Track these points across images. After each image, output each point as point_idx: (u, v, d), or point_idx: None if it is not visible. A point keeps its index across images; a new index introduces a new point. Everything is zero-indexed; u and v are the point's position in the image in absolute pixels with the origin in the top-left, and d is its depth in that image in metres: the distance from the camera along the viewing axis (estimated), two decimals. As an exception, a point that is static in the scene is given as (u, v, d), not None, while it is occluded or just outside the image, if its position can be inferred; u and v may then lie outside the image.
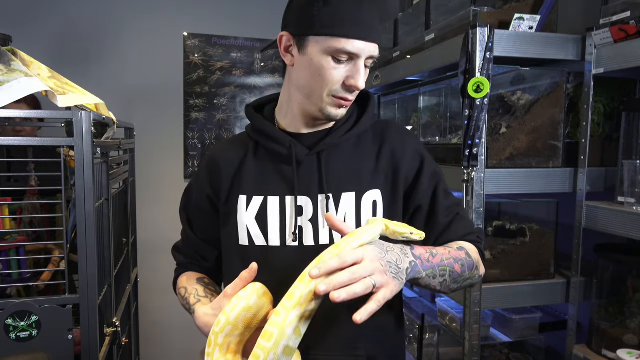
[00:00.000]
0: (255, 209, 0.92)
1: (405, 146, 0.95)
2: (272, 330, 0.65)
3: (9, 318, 1.14)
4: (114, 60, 2.57)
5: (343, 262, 0.68)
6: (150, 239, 2.66)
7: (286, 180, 0.91)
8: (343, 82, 0.85)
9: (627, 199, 1.28)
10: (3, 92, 1.11)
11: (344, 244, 0.72)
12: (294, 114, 0.94)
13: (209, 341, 0.75)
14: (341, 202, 0.90)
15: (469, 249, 0.91)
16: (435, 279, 0.82)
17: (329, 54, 0.83)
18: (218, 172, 0.97)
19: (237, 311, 0.74)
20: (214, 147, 1.05)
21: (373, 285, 0.68)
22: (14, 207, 1.50)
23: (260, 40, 2.77)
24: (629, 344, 1.29)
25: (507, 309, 1.65)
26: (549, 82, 1.47)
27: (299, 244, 0.90)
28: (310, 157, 0.92)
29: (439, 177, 0.96)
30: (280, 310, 0.67)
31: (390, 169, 0.93)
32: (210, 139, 2.75)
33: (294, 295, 0.68)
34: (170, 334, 2.75)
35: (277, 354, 0.65)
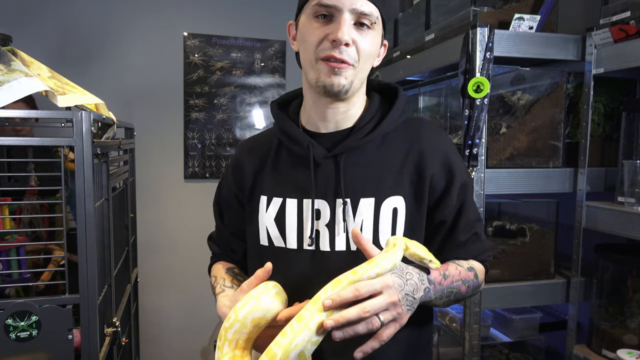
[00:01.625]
0: (275, 210, 0.90)
1: (436, 151, 0.87)
2: (276, 351, 0.65)
3: (9, 318, 1.14)
4: (114, 60, 2.57)
5: (357, 295, 0.67)
6: (150, 239, 2.66)
7: (304, 183, 0.88)
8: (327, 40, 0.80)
9: (627, 199, 1.28)
10: (3, 92, 1.11)
11: (361, 272, 0.69)
12: (310, 105, 0.90)
13: (220, 335, 0.77)
14: (359, 208, 0.85)
15: (478, 271, 0.90)
16: (441, 299, 0.82)
17: (311, 15, 0.82)
18: (242, 171, 0.96)
19: (245, 310, 0.75)
20: (241, 144, 1.02)
21: (381, 323, 0.67)
22: (13, 207, 1.50)
23: (260, 40, 2.77)
24: (629, 344, 1.29)
25: (507, 309, 1.65)
26: (549, 82, 1.47)
27: (315, 248, 0.87)
28: (328, 160, 0.88)
29: (467, 188, 0.90)
30: (287, 331, 0.66)
31: (417, 175, 0.86)
32: (210, 139, 2.75)
33: (303, 318, 0.67)
34: (170, 334, 2.75)
35: None
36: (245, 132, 2.79)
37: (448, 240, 0.90)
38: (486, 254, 0.94)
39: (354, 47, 0.81)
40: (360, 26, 0.81)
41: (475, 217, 0.92)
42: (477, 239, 0.92)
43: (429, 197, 0.87)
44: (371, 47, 0.83)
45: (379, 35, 0.85)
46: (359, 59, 0.82)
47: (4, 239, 1.34)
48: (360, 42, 0.81)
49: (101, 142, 1.33)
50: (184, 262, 2.74)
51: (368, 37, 0.82)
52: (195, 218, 2.74)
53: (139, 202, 2.45)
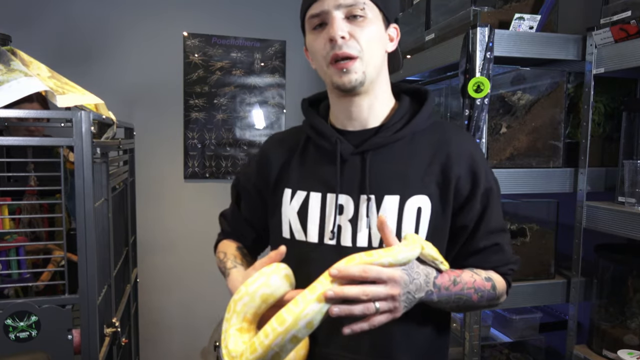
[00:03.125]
0: (298, 204, 0.92)
1: (463, 153, 0.88)
2: (286, 317, 0.68)
3: (8, 318, 1.14)
4: (114, 60, 2.57)
5: (363, 277, 0.68)
6: (150, 239, 2.66)
7: (329, 177, 0.90)
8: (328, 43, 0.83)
9: (628, 199, 1.28)
10: (3, 92, 1.11)
11: (376, 256, 0.71)
12: (335, 106, 0.93)
13: (229, 307, 0.80)
14: (383, 204, 0.86)
15: (497, 282, 0.89)
16: (447, 304, 0.82)
17: (310, 29, 0.86)
18: (268, 164, 0.99)
19: (256, 285, 0.78)
20: (269, 139, 1.05)
21: (375, 310, 0.69)
22: (13, 207, 1.49)
23: (260, 40, 2.77)
24: (629, 344, 1.29)
25: (507, 309, 1.64)
26: (549, 82, 1.47)
27: (336, 243, 0.88)
28: (355, 156, 0.89)
29: (493, 194, 0.89)
30: (299, 300, 0.69)
31: (442, 175, 0.87)
32: (210, 139, 2.75)
33: (315, 289, 0.69)
34: (170, 334, 2.75)
35: (284, 340, 0.68)
36: (245, 132, 2.79)
37: (467, 246, 0.90)
38: (508, 266, 0.92)
39: (353, 39, 0.82)
40: (353, 18, 0.83)
41: (498, 226, 0.90)
42: (499, 250, 0.90)
43: (454, 200, 0.87)
44: (370, 34, 0.84)
45: (377, 20, 0.86)
46: (362, 49, 0.83)
47: (4, 239, 1.34)
48: (357, 32, 0.83)
49: (101, 142, 1.33)
50: (184, 262, 2.74)
51: (364, 25, 0.83)
52: (195, 218, 2.74)
53: (139, 202, 2.45)
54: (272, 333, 0.68)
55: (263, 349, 0.69)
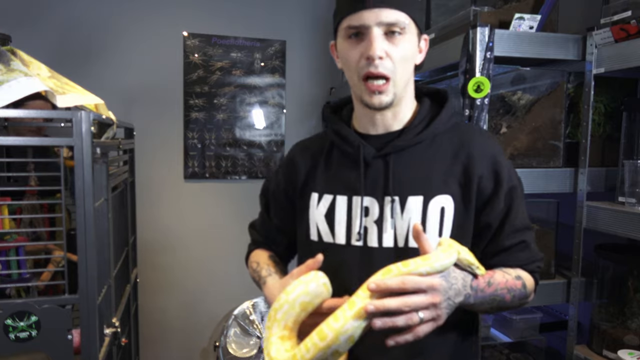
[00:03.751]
0: (325, 207, 0.95)
1: (484, 154, 0.89)
2: (327, 333, 0.69)
3: (8, 318, 1.14)
4: (114, 60, 2.57)
5: (402, 288, 0.69)
6: (150, 239, 2.66)
7: (354, 181, 0.92)
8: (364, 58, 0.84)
9: (628, 199, 1.28)
10: (2, 92, 1.11)
11: (413, 266, 0.72)
12: (360, 113, 0.95)
13: (269, 316, 0.81)
14: (407, 205, 0.88)
15: (527, 280, 0.90)
16: (482, 306, 0.83)
17: (344, 37, 0.87)
18: (295, 169, 1.01)
19: (295, 293, 0.79)
20: (296, 145, 1.08)
21: (420, 320, 0.70)
22: (13, 207, 1.49)
23: (260, 40, 2.77)
24: (629, 344, 1.29)
25: (507, 309, 1.64)
26: (549, 82, 1.47)
27: (363, 244, 0.90)
28: (378, 159, 0.91)
29: (516, 193, 0.91)
30: (339, 316, 0.70)
31: (465, 175, 0.88)
32: (210, 139, 2.75)
33: (355, 304, 0.70)
34: (170, 334, 2.75)
35: (325, 354, 0.70)
36: (245, 132, 2.79)
37: (492, 245, 0.91)
38: (535, 264, 0.93)
39: (388, 58, 0.84)
40: (391, 35, 0.84)
41: (523, 224, 0.92)
42: (525, 247, 0.91)
43: (477, 199, 0.89)
44: (405, 52, 0.85)
45: (413, 36, 0.87)
46: (395, 68, 0.85)
47: (4, 239, 1.34)
48: (393, 51, 0.84)
49: (101, 142, 1.33)
50: (184, 262, 2.74)
51: (400, 44, 0.84)
52: (195, 218, 2.74)
53: (139, 202, 2.45)
54: (313, 348, 0.70)
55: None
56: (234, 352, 2.58)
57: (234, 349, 2.60)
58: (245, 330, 2.65)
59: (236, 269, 2.79)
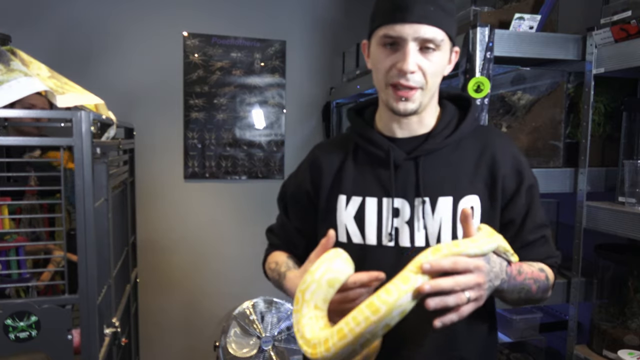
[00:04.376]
0: (354, 209, 0.96)
1: (506, 154, 0.95)
2: (379, 306, 0.69)
3: (8, 318, 1.14)
4: (114, 60, 2.57)
5: (454, 268, 0.71)
6: (150, 239, 2.66)
7: (384, 183, 0.95)
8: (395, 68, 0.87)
9: (628, 199, 1.28)
10: (2, 92, 1.11)
11: (463, 247, 0.73)
12: (386, 116, 0.97)
13: (296, 299, 0.81)
14: (437, 206, 0.91)
15: (549, 273, 0.94)
16: (512, 294, 0.86)
17: (379, 43, 0.89)
18: (320, 171, 1.02)
19: (321, 271, 0.79)
20: (318, 147, 1.09)
21: (467, 299, 0.72)
22: (13, 207, 1.49)
23: (260, 40, 2.77)
24: (630, 344, 1.29)
25: (507, 309, 1.64)
26: (549, 82, 1.47)
27: (394, 244, 0.93)
28: (408, 162, 0.94)
29: (535, 191, 0.96)
30: (392, 290, 0.70)
31: (490, 175, 0.93)
32: (210, 139, 2.75)
33: (409, 280, 0.70)
34: (170, 334, 2.75)
35: (377, 327, 0.69)
36: (245, 132, 2.79)
37: (516, 240, 0.94)
38: (553, 259, 0.97)
39: (420, 71, 0.86)
40: (426, 49, 0.86)
41: (542, 221, 0.97)
42: (545, 242, 0.96)
43: (502, 197, 0.93)
44: (437, 67, 0.88)
45: (446, 50, 0.90)
46: (426, 81, 0.88)
47: (4, 239, 1.34)
48: (426, 65, 0.86)
49: (101, 142, 1.33)
50: (184, 262, 2.74)
51: (434, 59, 0.87)
52: (195, 218, 2.74)
53: (139, 202, 2.45)
54: (365, 321, 0.69)
55: (354, 336, 0.70)
56: (234, 352, 2.59)
57: (234, 349, 2.60)
58: (245, 330, 2.65)
59: (236, 269, 2.80)
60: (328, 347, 0.72)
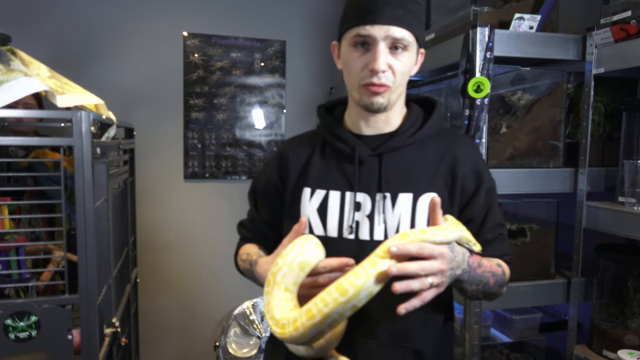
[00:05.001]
0: (318, 201, 0.99)
1: (467, 156, 0.99)
2: (347, 288, 0.71)
3: (8, 318, 1.14)
4: (114, 60, 2.57)
5: (420, 253, 0.75)
6: (150, 239, 2.66)
7: (348, 177, 0.98)
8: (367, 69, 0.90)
9: (628, 199, 1.28)
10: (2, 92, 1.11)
11: (430, 234, 0.76)
12: (355, 114, 1.00)
13: (267, 281, 0.83)
14: (397, 201, 0.95)
15: (505, 269, 0.98)
16: (471, 285, 0.89)
17: (350, 44, 0.92)
18: (287, 165, 1.05)
19: (292, 255, 0.81)
20: (286, 141, 1.13)
21: (430, 285, 0.75)
22: (13, 207, 1.49)
23: (260, 40, 2.77)
24: (629, 344, 1.29)
25: (507, 309, 1.64)
26: (549, 82, 1.47)
27: (355, 237, 0.96)
28: (372, 158, 0.97)
29: (494, 193, 1.01)
30: (360, 272, 0.72)
31: (450, 176, 0.97)
32: (210, 139, 2.75)
33: (376, 264, 0.73)
34: (170, 334, 2.75)
35: (344, 309, 0.72)
36: (245, 132, 2.79)
37: (477, 238, 0.95)
38: (509, 256, 1.02)
39: (390, 70, 0.91)
40: (395, 49, 0.90)
41: (500, 220, 1.01)
42: (502, 240, 1.01)
43: (460, 197, 0.97)
44: (405, 67, 0.93)
45: (413, 50, 0.94)
46: (395, 80, 0.92)
47: (4, 239, 1.34)
48: (396, 64, 0.91)
49: (101, 142, 1.33)
50: (183, 262, 2.74)
51: (402, 58, 0.91)
52: (195, 218, 2.74)
53: (139, 202, 2.45)
54: (333, 302, 0.71)
55: (322, 316, 0.72)
56: (234, 352, 2.59)
57: (234, 349, 2.60)
58: (245, 330, 2.65)
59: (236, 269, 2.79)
60: (297, 326, 0.74)
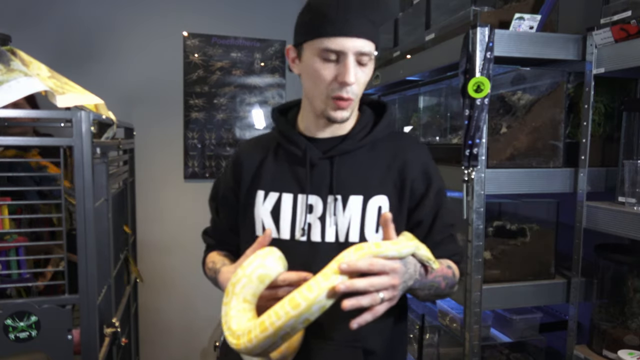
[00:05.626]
0: (271, 204, 1.00)
1: (417, 159, 1.00)
2: (300, 302, 0.72)
3: (8, 318, 1.14)
4: (114, 60, 2.57)
5: (370, 270, 0.75)
6: (150, 239, 2.66)
7: (300, 180, 0.99)
8: (336, 81, 0.91)
9: (628, 199, 1.28)
10: (2, 92, 1.11)
11: (384, 248, 0.77)
12: (310, 119, 1.01)
13: (227, 292, 0.83)
14: (348, 203, 0.96)
15: (455, 270, 1.00)
16: (422, 291, 0.91)
17: (317, 55, 0.91)
18: (241, 168, 1.06)
19: (252, 267, 0.81)
20: (242, 144, 1.13)
21: (381, 300, 0.75)
22: (13, 207, 1.49)
23: (260, 40, 2.77)
24: (629, 344, 1.29)
25: (507, 309, 1.64)
26: (549, 82, 1.47)
27: (307, 239, 0.97)
28: (324, 161, 0.98)
29: (443, 195, 1.02)
30: (313, 286, 0.73)
31: (400, 179, 0.98)
32: (210, 139, 2.75)
33: (329, 277, 0.73)
34: (170, 334, 2.75)
35: (296, 322, 0.72)
36: (245, 132, 2.79)
37: (427, 240, 0.97)
38: (458, 255, 1.04)
39: (356, 82, 0.92)
40: (360, 62, 0.92)
41: (450, 220, 1.03)
42: (452, 240, 1.03)
43: (410, 199, 0.99)
44: (367, 77, 0.95)
45: (372, 62, 0.95)
46: (358, 91, 0.94)
47: (4, 239, 1.34)
48: (360, 76, 0.93)
49: (101, 142, 1.33)
50: (183, 262, 2.74)
51: (366, 70, 0.94)
52: (195, 218, 2.74)
53: (139, 202, 2.45)
54: (285, 316, 0.72)
55: (275, 329, 0.72)
56: (234, 352, 2.58)
57: (234, 349, 2.60)
58: (245, 330, 2.65)
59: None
60: (250, 338, 0.75)
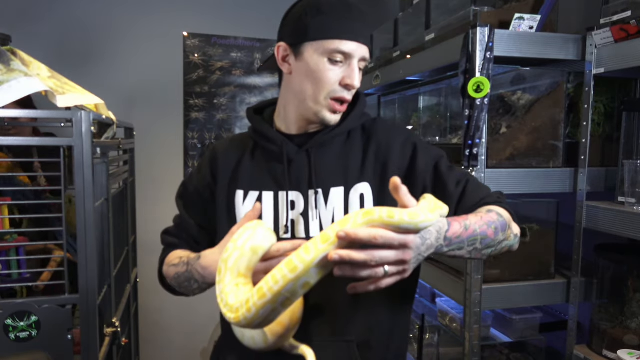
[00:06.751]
0: (252, 203, 0.97)
1: (391, 140, 0.98)
2: (297, 264, 0.67)
3: (8, 318, 1.14)
4: (114, 60, 2.57)
5: (372, 242, 0.66)
6: (150, 239, 2.65)
7: (279, 177, 0.97)
8: (340, 83, 0.92)
9: (628, 199, 1.28)
10: (2, 92, 1.11)
11: (397, 218, 0.67)
12: (290, 119, 1.00)
13: (219, 269, 0.78)
14: (330, 196, 0.95)
15: (498, 210, 0.89)
16: (462, 250, 0.79)
17: (325, 55, 0.91)
18: (219, 166, 1.04)
19: (243, 239, 0.78)
20: (217, 143, 1.11)
21: (384, 273, 0.67)
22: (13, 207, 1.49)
23: (260, 40, 2.77)
24: (629, 344, 1.29)
25: (507, 309, 1.64)
26: (549, 82, 1.47)
27: (291, 236, 0.95)
28: (301, 155, 0.97)
29: (439, 157, 0.96)
30: (311, 248, 0.67)
31: (379, 163, 0.96)
32: (210, 139, 2.75)
33: (328, 237, 0.67)
34: (170, 334, 2.75)
35: (295, 286, 0.67)
36: (245, 132, 2.79)
37: (446, 199, 0.88)
38: (495, 196, 0.94)
39: None
40: (359, 68, 0.94)
41: (460, 176, 0.95)
42: (473, 183, 0.95)
43: (398, 173, 0.92)
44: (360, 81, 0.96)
45: None
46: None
47: (4, 239, 1.34)
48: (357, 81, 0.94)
49: (101, 142, 1.33)
50: (184, 262, 2.74)
51: (361, 75, 0.96)
52: (195, 218, 2.74)
53: (139, 202, 2.45)
54: (283, 280, 0.67)
55: (273, 295, 0.68)
56: (234, 352, 2.58)
57: (234, 349, 2.59)
58: (245, 330, 2.65)
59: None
60: (249, 307, 0.70)
